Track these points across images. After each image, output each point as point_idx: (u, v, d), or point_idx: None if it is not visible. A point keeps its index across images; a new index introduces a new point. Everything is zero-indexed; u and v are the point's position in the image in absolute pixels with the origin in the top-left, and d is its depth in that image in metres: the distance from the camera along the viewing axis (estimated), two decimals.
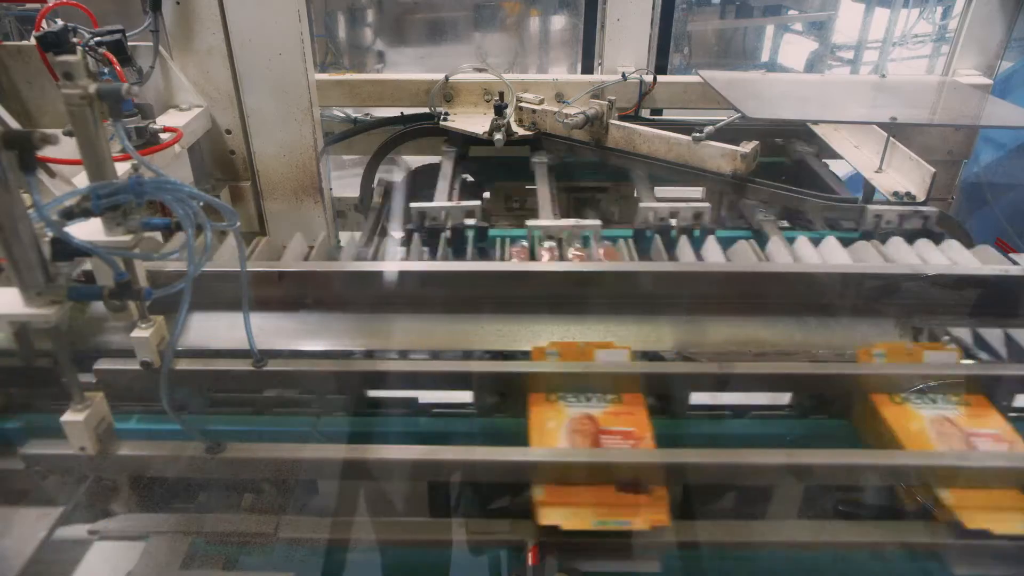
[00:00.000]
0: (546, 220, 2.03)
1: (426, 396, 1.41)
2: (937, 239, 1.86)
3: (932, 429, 1.26)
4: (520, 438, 1.27)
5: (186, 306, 1.02)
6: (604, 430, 1.26)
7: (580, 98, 2.71)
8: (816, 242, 1.84)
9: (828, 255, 1.78)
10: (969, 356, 1.47)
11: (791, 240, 1.88)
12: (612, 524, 1.11)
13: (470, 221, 2.02)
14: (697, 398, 1.39)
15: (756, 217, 2.20)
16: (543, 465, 1.18)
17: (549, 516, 1.12)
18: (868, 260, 1.74)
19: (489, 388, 1.38)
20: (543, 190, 2.37)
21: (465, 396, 1.40)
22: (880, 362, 1.38)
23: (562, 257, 1.77)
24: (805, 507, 1.29)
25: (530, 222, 1.90)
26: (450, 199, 2.31)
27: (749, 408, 1.42)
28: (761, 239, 1.95)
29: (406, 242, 1.95)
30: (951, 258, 1.72)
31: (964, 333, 1.52)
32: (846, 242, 1.83)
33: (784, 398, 1.42)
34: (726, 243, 1.86)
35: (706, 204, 2.04)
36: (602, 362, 1.37)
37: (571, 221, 1.90)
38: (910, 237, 1.87)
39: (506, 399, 1.38)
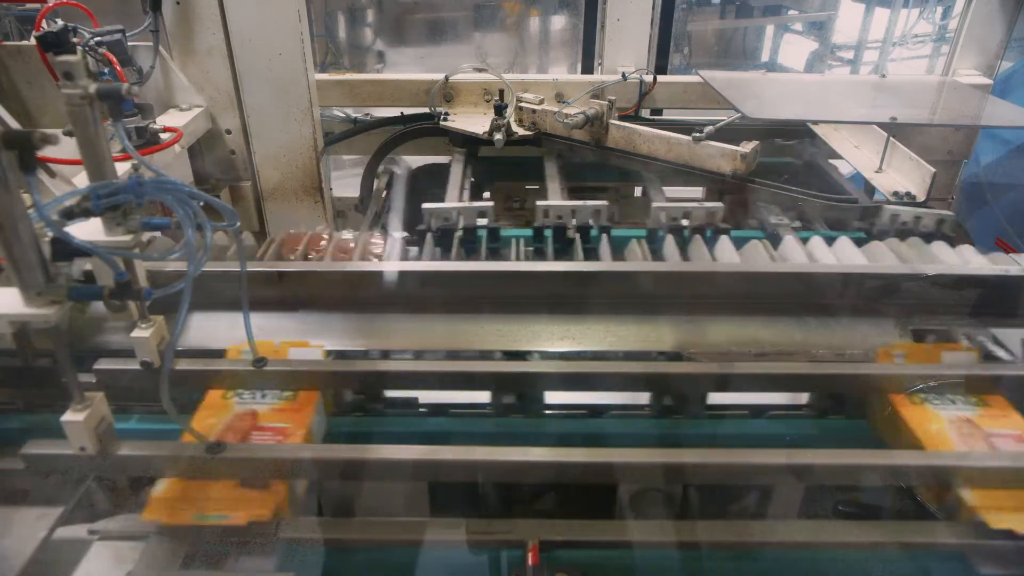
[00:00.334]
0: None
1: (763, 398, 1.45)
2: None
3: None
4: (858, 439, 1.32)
5: (186, 306, 1.02)
6: (991, 433, 1.25)
7: (580, 98, 2.71)
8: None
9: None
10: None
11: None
12: None
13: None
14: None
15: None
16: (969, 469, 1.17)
17: (1002, 521, 1.10)
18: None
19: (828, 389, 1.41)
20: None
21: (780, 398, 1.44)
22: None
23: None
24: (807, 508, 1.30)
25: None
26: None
27: None
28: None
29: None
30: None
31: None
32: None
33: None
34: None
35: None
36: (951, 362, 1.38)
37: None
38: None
39: (840, 401, 1.42)
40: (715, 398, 1.42)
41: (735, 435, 1.42)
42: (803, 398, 1.46)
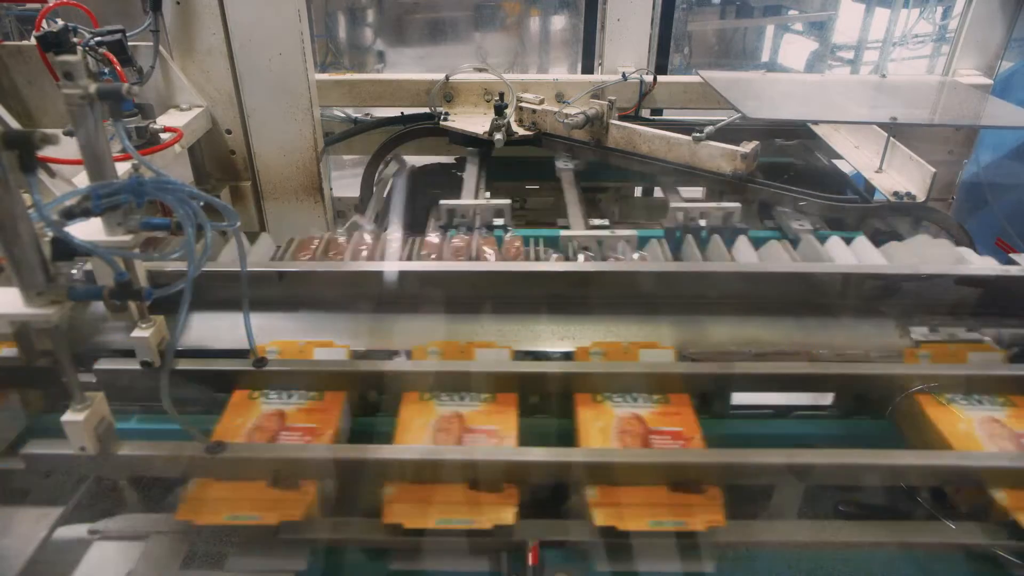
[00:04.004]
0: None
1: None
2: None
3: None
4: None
5: (186, 306, 1.02)
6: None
7: (580, 98, 2.71)
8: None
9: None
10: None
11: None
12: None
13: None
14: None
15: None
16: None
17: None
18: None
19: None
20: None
21: None
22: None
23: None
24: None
25: None
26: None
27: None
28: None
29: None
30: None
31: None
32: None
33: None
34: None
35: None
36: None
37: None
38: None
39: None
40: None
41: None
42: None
